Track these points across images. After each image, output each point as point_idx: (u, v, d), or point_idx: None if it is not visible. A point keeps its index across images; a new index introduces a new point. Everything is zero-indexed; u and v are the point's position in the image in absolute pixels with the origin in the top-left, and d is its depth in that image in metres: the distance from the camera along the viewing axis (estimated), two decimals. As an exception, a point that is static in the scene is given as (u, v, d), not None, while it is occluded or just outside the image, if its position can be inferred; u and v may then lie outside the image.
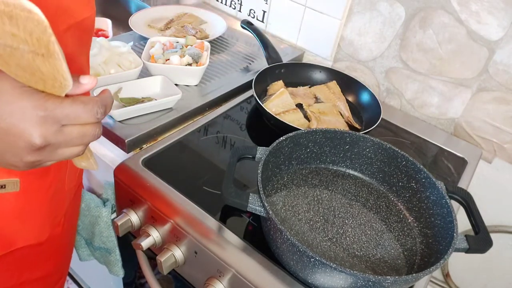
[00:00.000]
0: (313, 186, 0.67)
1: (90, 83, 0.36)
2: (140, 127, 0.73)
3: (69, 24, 0.45)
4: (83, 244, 0.87)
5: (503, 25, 0.79)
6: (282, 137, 0.63)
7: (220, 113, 0.85)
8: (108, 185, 0.76)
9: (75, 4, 0.45)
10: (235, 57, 1.03)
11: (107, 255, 0.82)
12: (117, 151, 0.74)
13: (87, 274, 1.26)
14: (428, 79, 0.93)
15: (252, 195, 0.55)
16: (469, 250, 0.54)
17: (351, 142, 0.68)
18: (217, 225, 0.60)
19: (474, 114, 0.90)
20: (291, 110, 0.82)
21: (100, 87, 0.76)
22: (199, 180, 0.68)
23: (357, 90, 0.92)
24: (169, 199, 0.63)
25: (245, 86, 0.93)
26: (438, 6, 0.85)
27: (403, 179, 0.66)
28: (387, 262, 0.57)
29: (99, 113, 0.36)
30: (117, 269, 0.83)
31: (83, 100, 0.35)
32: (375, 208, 0.65)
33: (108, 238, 0.78)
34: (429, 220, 0.61)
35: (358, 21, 0.97)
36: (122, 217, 0.67)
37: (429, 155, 0.86)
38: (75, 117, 0.35)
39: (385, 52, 0.96)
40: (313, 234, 0.59)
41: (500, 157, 0.90)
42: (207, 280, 0.59)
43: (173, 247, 0.62)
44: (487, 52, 0.83)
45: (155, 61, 0.85)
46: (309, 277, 0.51)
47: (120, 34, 1.07)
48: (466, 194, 0.62)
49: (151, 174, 0.67)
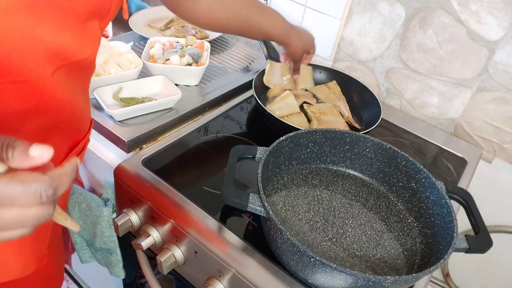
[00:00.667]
0: (313, 186, 0.67)
1: (41, 157, 0.29)
2: (140, 127, 0.73)
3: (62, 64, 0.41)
4: (84, 246, 0.87)
5: (503, 25, 0.79)
6: (282, 137, 0.63)
7: (220, 113, 0.85)
8: (108, 185, 0.76)
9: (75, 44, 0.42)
10: (235, 57, 1.03)
11: (108, 256, 0.82)
12: (117, 151, 0.74)
13: (87, 274, 1.26)
14: (428, 79, 0.93)
15: (252, 195, 0.55)
16: (469, 250, 0.54)
17: (351, 142, 0.68)
18: (217, 225, 0.60)
19: (474, 114, 0.90)
20: (295, 114, 0.82)
21: (100, 87, 0.76)
22: (199, 180, 0.68)
23: (357, 90, 0.92)
24: (169, 199, 0.63)
25: (245, 86, 0.93)
26: (438, 6, 0.85)
27: (403, 179, 0.66)
28: (387, 262, 0.57)
29: (43, 196, 0.29)
30: (118, 270, 0.83)
31: (23, 180, 0.28)
32: (375, 208, 0.65)
33: (109, 238, 0.78)
34: (429, 220, 0.61)
35: (358, 21, 0.97)
36: (122, 217, 0.67)
37: (429, 155, 0.86)
38: (11, 200, 0.28)
39: (385, 52, 0.96)
40: (313, 234, 0.59)
41: (500, 157, 0.90)
42: (207, 280, 0.59)
43: (173, 247, 0.62)
44: (487, 52, 0.83)
45: (155, 61, 0.85)
46: (309, 277, 0.52)
47: (120, 34, 1.07)
48: (466, 194, 0.62)
49: (151, 174, 0.67)
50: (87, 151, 0.80)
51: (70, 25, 0.40)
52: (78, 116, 0.51)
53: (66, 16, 0.39)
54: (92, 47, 0.45)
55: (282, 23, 0.79)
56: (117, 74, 0.79)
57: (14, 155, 0.28)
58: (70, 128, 0.51)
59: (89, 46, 0.44)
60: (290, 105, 0.84)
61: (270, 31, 0.78)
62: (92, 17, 0.43)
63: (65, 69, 0.42)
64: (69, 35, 0.40)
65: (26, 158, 0.29)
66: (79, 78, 0.48)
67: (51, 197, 0.29)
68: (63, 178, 0.31)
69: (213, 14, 0.72)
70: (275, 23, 0.78)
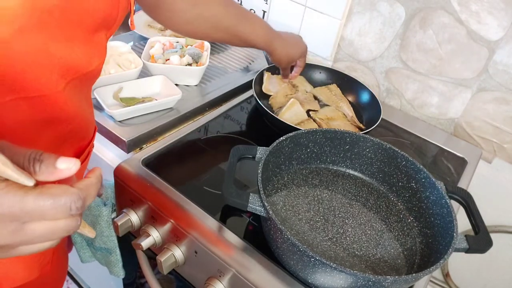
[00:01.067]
0: (313, 186, 0.67)
1: (69, 170, 0.29)
2: (140, 127, 0.74)
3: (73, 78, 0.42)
4: (84, 246, 0.87)
5: (503, 25, 0.79)
6: (282, 137, 0.63)
7: (220, 113, 0.85)
8: (108, 185, 0.76)
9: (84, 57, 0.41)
10: (235, 57, 1.03)
11: (108, 256, 0.82)
12: (117, 151, 0.74)
13: (87, 274, 1.26)
14: (428, 79, 0.93)
15: (252, 195, 0.55)
16: (469, 250, 0.54)
17: (351, 142, 0.68)
18: (217, 225, 0.60)
19: (474, 114, 0.90)
20: (305, 121, 0.83)
21: (100, 87, 0.76)
22: (199, 180, 0.68)
23: (357, 90, 0.92)
24: (169, 199, 0.63)
25: (245, 86, 0.93)
26: (438, 6, 0.85)
27: (403, 179, 0.66)
28: (387, 262, 0.57)
29: (73, 209, 0.29)
30: (117, 269, 0.83)
31: (53, 193, 0.28)
32: (375, 208, 0.66)
33: (109, 238, 0.78)
34: (429, 220, 0.61)
35: (358, 21, 0.97)
36: (122, 217, 0.67)
37: (429, 155, 0.86)
38: (40, 215, 0.28)
39: (385, 52, 0.96)
40: (313, 234, 0.59)
41: (500, 157, 0.90)
42: (207, 280, 0.59)
43: (173, 247, 0.62)
44: (487, 52, 0.83)
45: (155, 61, 0.85)
46: (309, 277, 0.52)
47: (120, 34, 1.07)
48: (466, 194, 0.62)
49: (151, 174, 0.67)
50: (87, 151, 0.80)
51: (79, 39, 0.40)
52: (84, 125, 0.51)
53: (75, 30, 0.40)
54: (99, 57, 0.45)
55: (265, 31, 0.79)
56: (117, 74, 0.79)
57: (41, 168, 0.28)
58: (77, 136, 0.51)
59: (97, 57, 0.44)
60: (298, 112, 0.84)
61: (252, 39, 0.77)
62: (100, 29, 0.43)
63: (75, 82, 0.42)
64: (78, 48, 0.41)
65: (53, 171, 0.29)
66: (86, 87, 0.49)
67: (80, 209, 0.29)
68: (90, 189, 0.31)
69: (191, 24, 0.71)
70: (257, 31, 0.77)
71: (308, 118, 0.84)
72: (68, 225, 0.30)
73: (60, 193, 0.28)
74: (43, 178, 0.29)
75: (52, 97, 0.41)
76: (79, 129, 0.50)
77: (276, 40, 0.80)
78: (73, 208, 0.29)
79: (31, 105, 0.40)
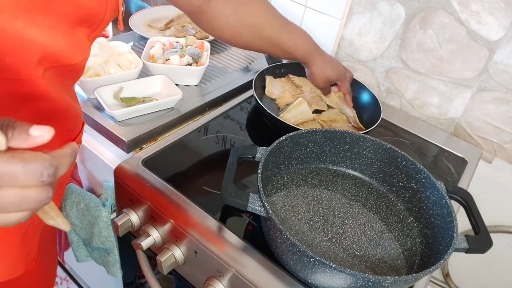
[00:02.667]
0: (313, 186, 0.67)
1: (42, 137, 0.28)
2: (140, 127, 0.74)
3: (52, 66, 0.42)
4: (80, 245, 0.87)
5: (503, 25, 0.79)
6: (282, 137, 0.63)
7: (220, 113, 0.85)
8: (108, 185, 0.76)
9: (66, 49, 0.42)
10: (235, 57, 1.03)
11: (106, 256, 0.82)
12: (117, 151, 0.74)
13: (86, 274, 1.26)
14: (428, 79, 0.93)
15: (252, 195, 0.55)
16: (469, 250, 0.54)
17: (351, 142, 0.68)
18: (217, 225, 0.60)
19: (474, 114, 0.90)
20: (310, 121, 0.83)
21: (100, 87, 0.76)
22: (199, 180, 0.68)
23: (357, 90, 0.92)
24: (169, 199, 0.63)
25: (245, 86, 0.93)
26: (438, 6, 0.85)
27: (403, 179, 0.66)
28: (387, 262, 0.57)
29: (44, 175, 0.28)
30: (115, 269, 0.83)
31: (24, 158, 0.27)
32: (375, 208, 0.65)
33: (107, 238, 0.78)
34: (429, 220, 0.61)
35: (358, 21, 0.97)
36: (122, 217, 0.67)
37: (429, 155, 0.86)
38: (11, 178, 0.27)
39: (385, 52, 0.96)
40: (313, 234, 0.59)
41: (500, 157, 0.90)
42: (207, 280, 0.59)
43: (173, 247, 0.62)
44: (487, 52, 0.83)
45: (155, 61, 0.85)
46: (309, 277, 0.52)
47: (120, 34, 1.07)
48: (466, 194, 0.62)
49: (151, 174, 0.67)
50: (86, 151, 0.80)
51: (62, 29, 0.41)
52: (70, 115, 0.52)
53: (58, 20, 0.40)
54: (83, 54, 0.45)
55: (307, 45, 0.77)
56: (117, 74, 0.79)
57: (14, 134, 0.28)
58: (62, 127, 0.51)
59: (81, 53, 0.45)
60: (304, 112, 0.84)
61: (293, 49, 0.75)
62: (82, 24, 0.44)
63: (54, 71, 0.43)
64: (60, 39, 0.41)
65: (26, 138, 0.28)
66: (67, 80, 0.49)
67: (52, 177, 0.29)
68: (63, 158, 0.31)
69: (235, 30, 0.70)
70: (298, 42, 0.75)
71: (313, 119, 0.83)
72: (40, 194, 0.28)
73: (32, 158, 0.28)
74: (15, 145, 0.28)
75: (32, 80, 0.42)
76: (64, 118, 0.51)
77: (316, 54, 0.78)
78: (44, 175, 0.28)
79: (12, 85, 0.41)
